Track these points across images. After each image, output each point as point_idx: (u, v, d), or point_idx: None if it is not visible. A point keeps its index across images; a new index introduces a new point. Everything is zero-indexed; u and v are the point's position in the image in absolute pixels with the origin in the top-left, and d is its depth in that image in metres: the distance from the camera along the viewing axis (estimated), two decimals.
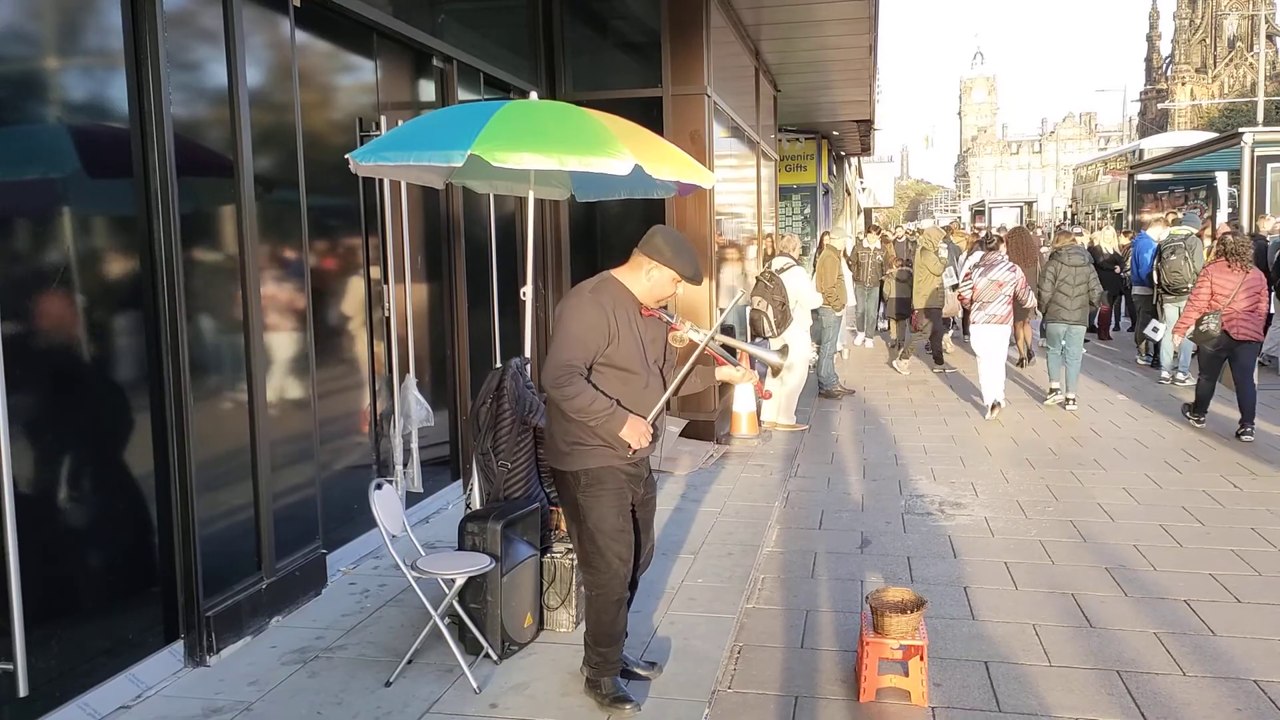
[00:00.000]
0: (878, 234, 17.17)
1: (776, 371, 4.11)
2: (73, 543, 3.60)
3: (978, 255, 10.90)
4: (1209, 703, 3.79)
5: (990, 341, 9.63)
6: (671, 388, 3.62)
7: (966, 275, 10.21)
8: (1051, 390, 10.25)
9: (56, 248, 3.54)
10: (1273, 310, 11.77)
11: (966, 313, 10.44)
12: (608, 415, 3.40)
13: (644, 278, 3.54)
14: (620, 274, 3.59)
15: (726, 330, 3.38)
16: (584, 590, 3.74)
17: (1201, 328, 8.33)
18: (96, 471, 3.76)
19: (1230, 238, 8.71)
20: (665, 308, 3.68)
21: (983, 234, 13.60)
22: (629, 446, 3.49)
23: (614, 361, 3.46)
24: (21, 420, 3.33)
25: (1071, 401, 9.97)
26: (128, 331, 3.84)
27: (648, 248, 3.52)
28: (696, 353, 3.61)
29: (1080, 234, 15.98)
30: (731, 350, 3.87)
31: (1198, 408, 8.90)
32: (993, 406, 9.57)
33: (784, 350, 8.29)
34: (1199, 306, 8.36)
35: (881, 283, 15.25)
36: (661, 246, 3.50)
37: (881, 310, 16.13)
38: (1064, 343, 9.99)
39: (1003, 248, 10.27)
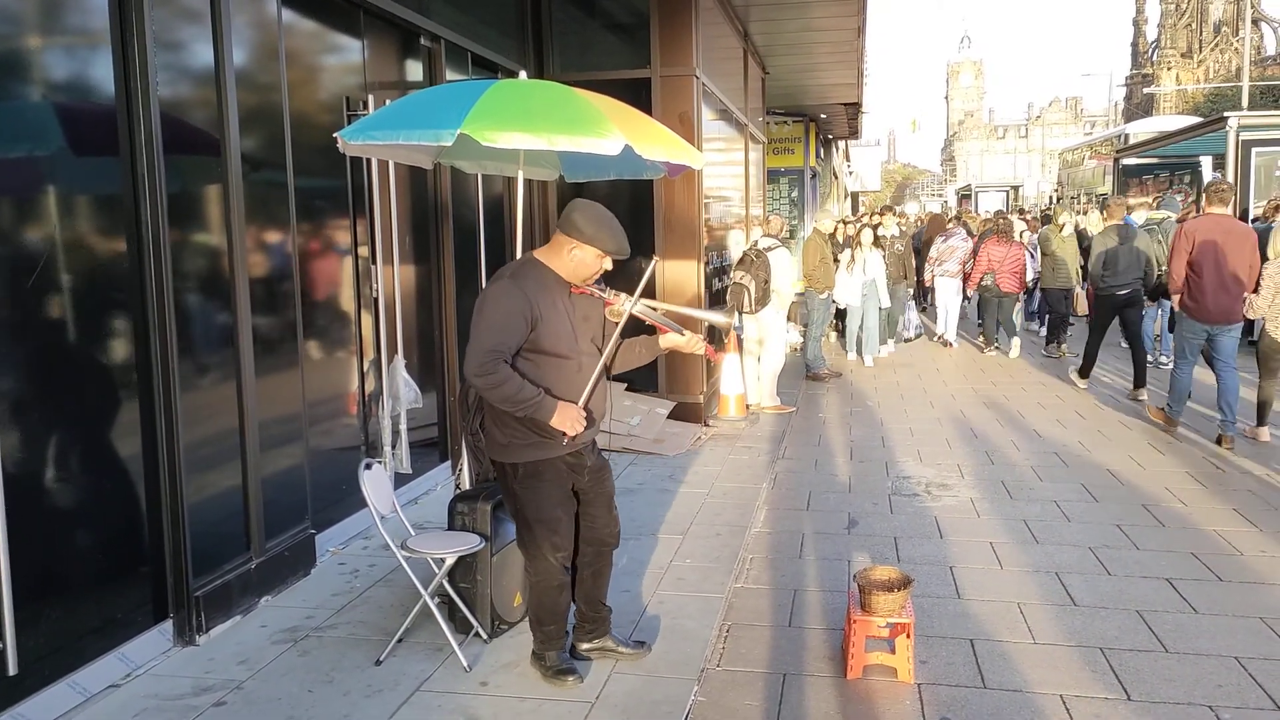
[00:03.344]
0: (895, 214, 14.67)
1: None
2: (61, 523, 3.59)
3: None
4: (1191, 679, 3.84)
5: (943, 290, 13.52)
6: (600, 365, 3.52)
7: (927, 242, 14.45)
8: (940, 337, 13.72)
9: (43, 227, 3.52)
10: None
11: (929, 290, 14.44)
12: (535, 404, 3.32)
13: (566, 258, 3.44)
14: (542, 255, 3.51)
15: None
16: (526, 575, 3.73)
17: (984, 283, 12.48)
18: (85, 452, 3.75)
19: (1001, 220, 13.69)
20: (599, 283, 3.58)
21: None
22: (564, 435, 3.42)
23: (541, 346, 3.38)
24: (8, 401, 3.33)
25: (951, 344, 13.49)
26: (115, 311, 3.83)
27: (566, 226, 3.41)
28: (622, 321, 3.51)
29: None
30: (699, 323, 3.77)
31: (988, 341, 12.72)
32: (945, 344, 13.41)
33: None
34: (980, 269, 12.54)
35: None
36: (580, 223, 3.38)
37: (922, 303, 14.15)
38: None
39: (960, 226, 14.42)
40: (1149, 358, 11.45)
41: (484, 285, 6.69)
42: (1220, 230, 7.54)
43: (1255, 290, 7.41)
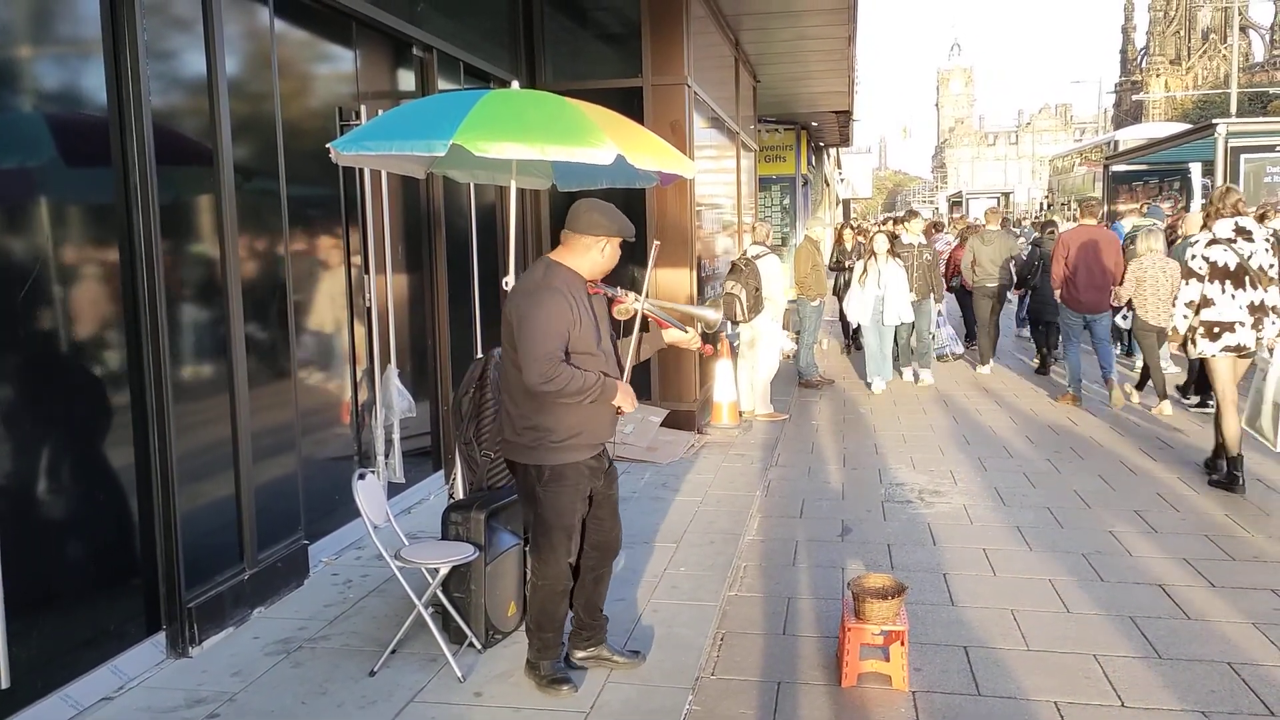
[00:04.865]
0: (920, 220, 12.62)
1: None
2: (54, 534, 3.58)
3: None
4: (1184, 685, 3.85)
5: None
6: (630, 358, 3.67)
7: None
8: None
9: (34, 238, 3.51)
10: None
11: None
12: (600, 388, 3.45)
13: (597, 255, 3.56)
14: (560, 257, 3.59)
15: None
16: (530, 578, 3.74)
17: (953, 285, 13.15)
18: (77, 463, 3.73)
19: (969, 228, 14.91)
20: (607, 282, 3.71)
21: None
22: (619, 410, 3.58)
23: (576, 348, 3.47)
24: (0, 412, 3.31)
25: None
26: (107, 322, 3.82)
27: (589, 226, 3.53)
28: (638, 318, 3.68)
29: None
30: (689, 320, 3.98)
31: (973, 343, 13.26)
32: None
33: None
34: (965, 266, 12.61)
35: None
36: (603, 221, 3.54)
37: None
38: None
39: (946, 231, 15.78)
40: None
41: (476, 290, 6.75)
42: (1089, 237, 9.42)
43: (1119, 284, 9.21)
